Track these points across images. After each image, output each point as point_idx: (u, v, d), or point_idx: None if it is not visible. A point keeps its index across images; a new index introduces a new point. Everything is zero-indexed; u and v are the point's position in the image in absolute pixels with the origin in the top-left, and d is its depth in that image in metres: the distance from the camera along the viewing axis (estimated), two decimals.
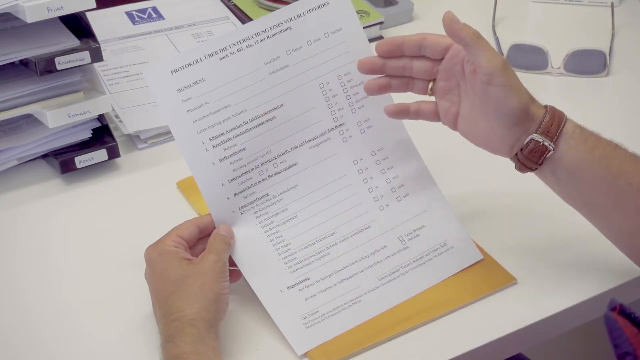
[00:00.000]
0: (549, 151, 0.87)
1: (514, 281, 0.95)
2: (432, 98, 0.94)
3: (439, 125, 0.94)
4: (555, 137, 0.87)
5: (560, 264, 0.95)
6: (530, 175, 0.91)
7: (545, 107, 0.89)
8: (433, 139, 1.01)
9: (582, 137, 0.88)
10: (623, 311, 0.77)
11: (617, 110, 1.24)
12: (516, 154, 0.89)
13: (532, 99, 0.89)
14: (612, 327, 0.76)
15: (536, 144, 0.87)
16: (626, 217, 0.88)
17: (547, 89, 1.28)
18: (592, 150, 0.87)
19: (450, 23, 0.88)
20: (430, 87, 0.93)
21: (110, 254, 1.01)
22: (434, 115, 0.94)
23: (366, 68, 0.94)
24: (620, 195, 0.87)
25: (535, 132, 0.87)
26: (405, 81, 0.94)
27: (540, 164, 0.88)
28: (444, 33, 0.89)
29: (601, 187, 0.87)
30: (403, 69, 0.93)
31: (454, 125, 0.92)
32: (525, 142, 0.88)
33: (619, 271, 0.95)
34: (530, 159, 0.88)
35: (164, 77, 0.91)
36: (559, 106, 1.25)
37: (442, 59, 0.92)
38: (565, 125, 0.88)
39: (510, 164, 0.91)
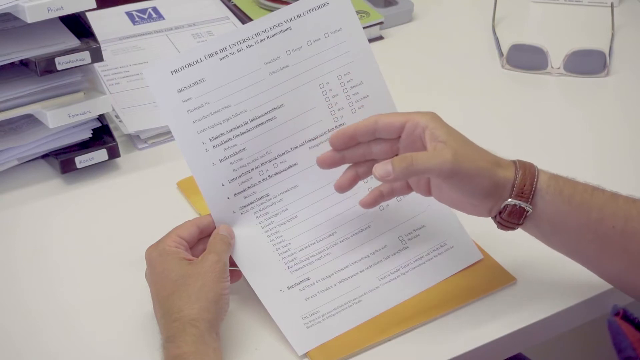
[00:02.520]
0: (527, 211, 0.86)
1: (514, 281, 0.95)
2: None
3: None
4: (531, 196, 0.85)
5: (560, 264, 0.95)
6: None
7: (514, 164, 0.87)
8: None
9: (558, 189, 0.86)
10: (626, 316, 0.77)
11: (617, 110, 1.24)
12: (495, 216, 0.88)
13: (497, 164, 0.86)
14: (615, 332, 0.76)
15: (513, 207, 0.86)
16: (614, 260, 0.87)
17: (547, 89, 1.28)
18: (570, 199, 0.86)
19: (384, 177, 0.85)
20: None
21: (111, 254, 1.01)
22: (407, 189, 0.92)
23: (327, 164, 0.92)
24: (605, 240, 0.86)
25: (510, 197, 0.86)
26: (370, 164, 0.91)
27: (521, 224, 0.87)
28: (444, 33, 0.89)
29: (585, 235, 0.86)
30: (363, 155, 0.91)
31: (427, 193, 0.90)
32: (502, 206, 0.86)
33: None
34: (510, 221, 0.87)
35: (164, 78, 0.91)
36: (558, 106, 1.25)
37: (400, 136, 0.89)
38: (538, 180, 0.86)
39: None
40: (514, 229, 0.88)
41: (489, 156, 0.87)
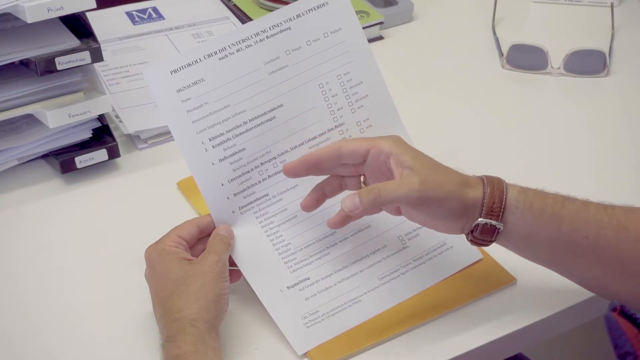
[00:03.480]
0: (498, 229, 0.85)
1: (514, 281, 0.95)
2: None
3: (439, 126, 0.94)
4: (501, 214, 0.85)
5: None
6: (530, 175, 0.91)
7: (482, 182, 0.86)
8: (434, 140, 1.01)
9: (527, 203, 0.85)
10: (624, 312, 0.77)
11: (617, 110, 1.24)
12: (467, 234, 0.88)
13: (465, 184, 0.86)
14: (612, 327, 0.76)
15: (484, 226, 0.85)
16: (590, 268, 0.87)
17: (547, 89, 1.28)
18: (541, 213, 0.85)
19: (352, 211, 0.86)
20: (362, 180, 0.91)
21: (110, 254, 1.01)
22: (377, 210, 0.91)
23: (292, 173, 0.92)
24: (579, 250, 0.86)
25: (480, 216, 0.85)
26: (337, 182, 0.92)
27: (494, 240, 0.87)
28: (444, 33, 0.89)
29: (558, 247, 0.86)
30: (330, 172, 0.92)
31: (397, 213, 0.90)
32: (473, 225, 0.86)
33: None
34: (482, 239, 0.87)
35: (163, 78, 0.91)
36: (558, 106, 1.25)
37: (365, 160, 0.89)
38: (507, 196, 0.85)
39: (510, 166, 0.90)
40: (487, 245, 0.88)
41: (456, 177, 0.86)
